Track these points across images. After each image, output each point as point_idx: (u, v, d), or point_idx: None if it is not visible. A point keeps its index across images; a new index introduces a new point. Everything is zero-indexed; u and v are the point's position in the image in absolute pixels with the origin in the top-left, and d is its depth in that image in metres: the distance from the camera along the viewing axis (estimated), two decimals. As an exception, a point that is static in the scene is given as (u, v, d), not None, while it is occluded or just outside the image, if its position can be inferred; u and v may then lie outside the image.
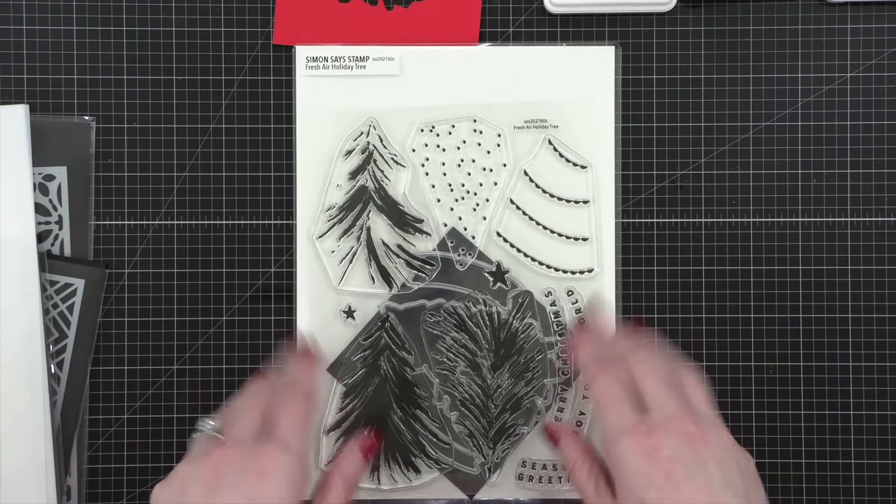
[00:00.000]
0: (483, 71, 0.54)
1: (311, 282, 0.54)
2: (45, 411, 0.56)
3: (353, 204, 0.53)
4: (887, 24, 0.58)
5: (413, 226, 0.53)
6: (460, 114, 0.54)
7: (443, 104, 0.53)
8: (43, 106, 0.58)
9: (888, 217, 0.58)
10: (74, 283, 0.57)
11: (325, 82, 0.53)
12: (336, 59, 0.53)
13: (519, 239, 0.54)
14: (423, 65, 0.53)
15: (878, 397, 0.58)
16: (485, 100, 0.54)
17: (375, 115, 0.53)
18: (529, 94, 0.54)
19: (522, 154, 0.54)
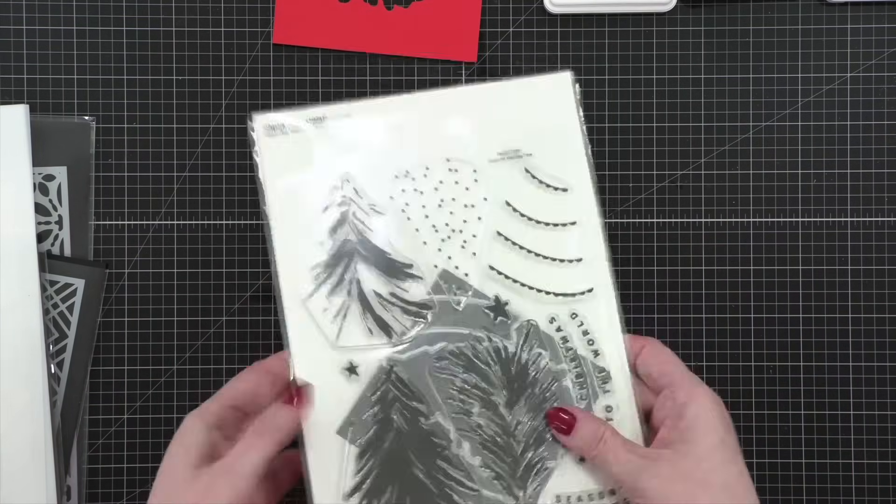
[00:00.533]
0: (446, 114, 0.53)
1: (306, 344, 0.51)
2: (45, 411, 0.56)
3: (338, 259, 0.51)
4: (887, 24, 0.58)
5: (403, 272, 0.52)
6: (431, 155, 0.53)
7: (411, 148, 0.53)
8: (43, 106, 0.58)
9: (888, 217, 0.58)
10: (74, 283, 0.57)
11: (288, 147, 0.52)
12: (294, 126, 0.52)
13: (512, 269, 0.52)
14: (383, 117, 0.53)
15: (878, 397, 0.58)
16: (453, 139, 0.53)
17: (346, 169, 0.52)
18: (497, 128, 0.53)
19: (501, 185, 0.53)
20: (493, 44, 0.59)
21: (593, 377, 0.51)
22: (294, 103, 0.59)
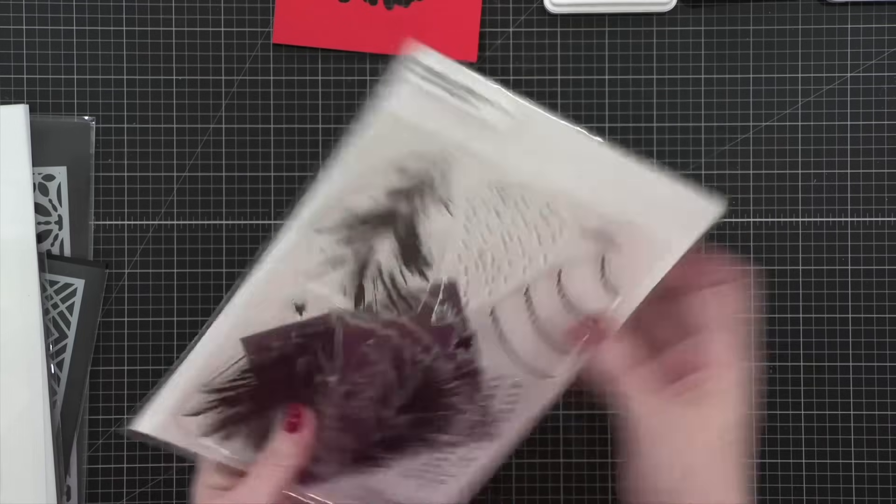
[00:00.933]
0: (584, 162, 0.47)
1: (283, 266, 0.47)
2: (45, 411, 0.56)
3: (373, 221, 0.46)
4: (887, 24, 0.58)
5: (419, 267, 0.48)
6: (537, 188, 0.46)
7: (527, 171, 0.46)
8: (43, 106, 0.58)
9: (888, 217, 0.58)
10: (74, 283, 0.57)
11: (421, 94, 0.45)
12: (449, 82, 0.45)
13: (510, 329, 0.48)
14: (533, 130, 0.46)
15: (878, 397, 0.58)
16: (570, 187, 0.46)
17: (452, 148, 0.45)
18: (615, 204, 0.47)
19: (568, 256, 0.47)
20: (493, 44, 0.59)
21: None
22: (294, 103, 0.59)
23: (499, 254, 0.48)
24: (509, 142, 0.45)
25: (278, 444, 0.47)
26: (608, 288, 0.48)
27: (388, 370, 0.48)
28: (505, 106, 0.44)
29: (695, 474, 0.43)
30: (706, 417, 0.44)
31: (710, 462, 0.44)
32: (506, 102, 0.44)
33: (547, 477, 0.59)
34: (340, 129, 0.59)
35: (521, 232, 0.48)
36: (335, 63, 0.59)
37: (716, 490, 0.43)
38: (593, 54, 0.59)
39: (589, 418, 0.59)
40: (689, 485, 0.43)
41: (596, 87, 0.59)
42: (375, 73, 0.59)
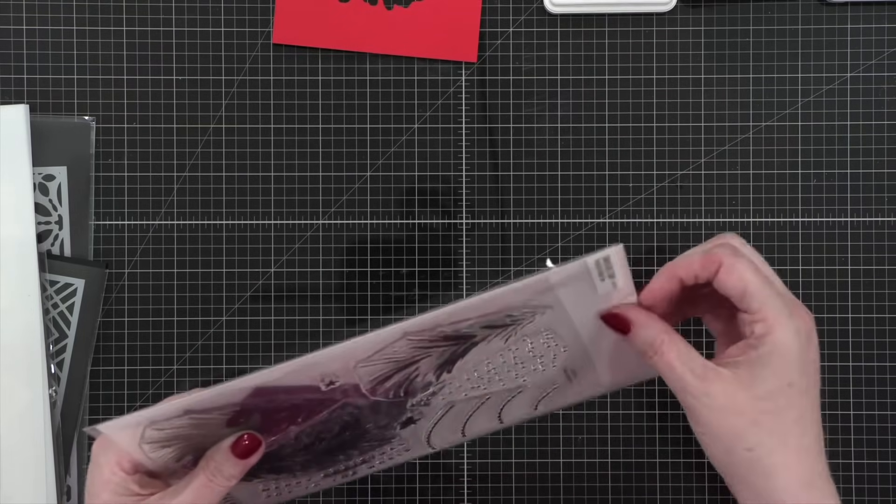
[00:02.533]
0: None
1: (354, 351, 0.46)
2: (45, 411, 0.56)
3: (454, 340, 0.47)
4: (887, 24, 0.58)
5: (441, 373, 0.48)
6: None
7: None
8: (43, 106, 0.58)
9: (888, 217, 0.58)
10: (74, 283, 0.57)
11: (586, 278, 0.45)
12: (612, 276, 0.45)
13: (445, 419, 0.50)
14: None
15: (878, 397, 0.58)
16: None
17: (556, 303, 0.46)
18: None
19: (539, 381, 0.49)
20: (493, 44, 0.59)
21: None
22: (294, 103, 0.59)
23: (501, 371, 0.49)
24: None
25: (224, 466, 0.46)
26: (538, 411, 0.51)
27: (334, 428, 0.49)
28: (618, 283, 0.45)
29: (764, 447, 0.42)
30: (764, 382, 0.42)
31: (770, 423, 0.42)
32: (621, 280, 0.45)
33: (547, 477, 0.59)
34: (340, 129, 0.59)
35: (531, 361, 0.49)
36: (335, 63, 0.59)
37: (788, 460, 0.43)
38: (593, 54, 0.59)
39: (589, 418, 0.59)
40: (756, 458, 0.42)
41: (596, 87, 0.59)
42: (375, 73, 0.59)
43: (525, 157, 0.59)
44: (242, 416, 0.46)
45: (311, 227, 0.59)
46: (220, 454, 0.46)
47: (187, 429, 0.46)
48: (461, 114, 0.59)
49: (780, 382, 0.42)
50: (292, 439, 0.49)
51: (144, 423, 0.45)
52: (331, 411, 0.48)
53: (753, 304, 0.43)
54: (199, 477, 0.46)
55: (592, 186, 0.59)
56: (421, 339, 0.46)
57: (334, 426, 0.49)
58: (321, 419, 0.48)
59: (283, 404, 0.47)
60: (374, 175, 0.59)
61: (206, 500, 0.45)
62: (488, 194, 0.59)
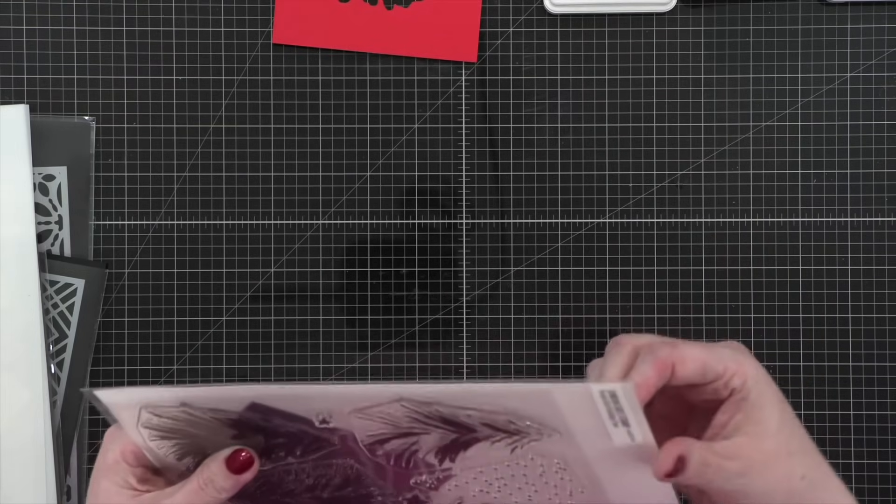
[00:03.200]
0: None
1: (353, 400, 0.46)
2: (45, 411, 0.56)
3: (452, 425, 0.46)
4: (887, 24, 0.58)
5: (444, 461, 0.47)
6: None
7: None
8: (43, 106, 0.58)
9: (888, 217, 0.58)
10: (74, 283, 0.57)
11: (589, 403, 0.43)
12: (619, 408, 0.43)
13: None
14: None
15: (878, 397, 0.58)
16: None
17: (564, 429, 0.45)
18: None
19: None
20: (493, 44, 0.59)
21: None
22: (294, 103, 0.59)
23: (512, 485, 0.48)
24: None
25: (217, 477, 0.45)
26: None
27: (336, 478, 0.48)
28: (635, 435, 0.43)
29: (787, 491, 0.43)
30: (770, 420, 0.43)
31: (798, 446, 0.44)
32: (639, 435, 0.43)
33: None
34: (340, 129, 0.59)
35: (544, 488, 0.48)
36: (335, 63, 0.59)
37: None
38: (593, 54, 0.59)
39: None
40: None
41: (596, 87, 0.59)
42: (375, 73, 0.59)
43: (525, 157, 0.59)
44: (248, 431, 0.46)
45: (311, 227, 0.59)
46: (216, 464, 0.46)
47: (184, 424, 0.46)
48: (461, 114, 0.59)
49: (777, 408, 0.44)
50: (293, 475, 0.48)
51: (141, 403, 0.45)
52: (330, 453, 0.48)
53: (718, 367, 0.44)
54: (192, 482, 0.46)
55: (592, 186, 0.59)
56: (417, 413, 0.45)
57: (336, 475, 0.48)
58: (322, 460, 0.48)
59: (280, 430, 0.46)
60: (374, 175, 0.59)
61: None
62: (488, 194, 0.59)
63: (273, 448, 0.47)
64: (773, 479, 0.43)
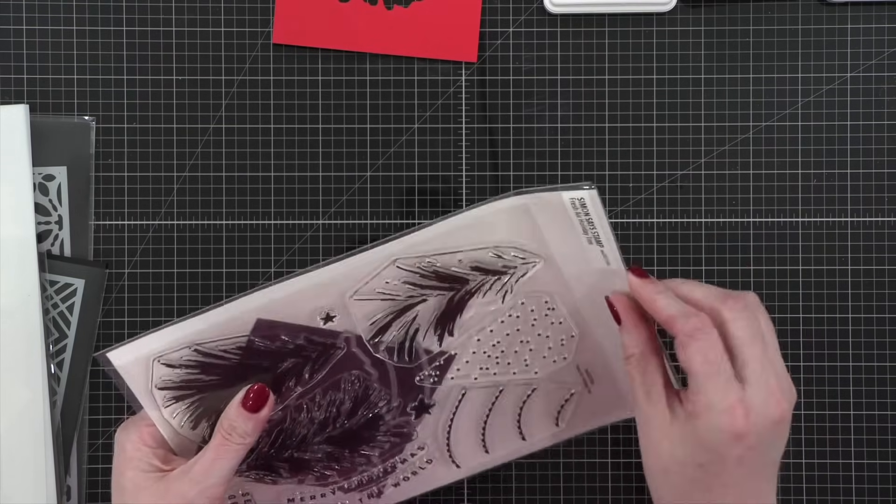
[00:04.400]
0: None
1: (345, 275, 0.47)
2: (45, 411, 0.56)
3: (446, 281, 0.48)
4: (887, 24, 0.58)
5: (443, 333, 0.50)
6: (579, 317, 0.50)
7: (584, 300, 0.50)
8: (43, 106, 0.58)
9: (888, 217, 0.58)
10: (74, 283, 0.57)
11: (561, 212, 0.47)
12: (588, 220, 0.47)
13: (462, 414, 0.51)
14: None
15: (878, 397, 0.58)
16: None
17: (546, 256, 0.49)
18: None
19: (553, 378, 0.51)
20: (493, 44, 0.59)
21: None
22: (294, 103, 0.59)
23: (509, 350, 0.50)
24: (585, 277, 0.48)
25: (237, 422, 0.46)
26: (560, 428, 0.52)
27: (345, 402, 0.49)
28: (608, 255, 0.47)
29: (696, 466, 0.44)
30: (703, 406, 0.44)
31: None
32: (611, 256, 0.47)
33: (547, 477, 0.59)
34: (340, 129, 0.59)
35: (538, 341, 0.50)
36: (335, 63, 0.59)
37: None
38: (593, 54, 0.59)
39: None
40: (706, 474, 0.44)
41: (596, 87, 0.59)
42: (375, 73, 0.59)
43: (525, 157, 0.59)
44: (255, 370, 0.47)
45: (311, 227, 0.59)
46: (233, 410, 0.47)
47: (197, 372, 0.46)
48: (461, 114, 0.59)
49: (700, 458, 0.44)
50: (304, 412, 0.49)
51: (152, 354, 0.46)
52: (337, 366, 0.48)
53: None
54: (216, 437, 0.47)
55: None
56: (412, 272, 0.48)
57: (345, 397, 0.49)
58: (330, 378, 0.49)
59: (287, 349, 0.48)
60: (374, 175, 0.59)
61: (225, 460, 0.46)
62: (488, 194, 0.59)
63: (283, 378, 0.49)
64: (658, 449, 0.44)
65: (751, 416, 0.43)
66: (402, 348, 0.49)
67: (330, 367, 0.49)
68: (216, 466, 0.45)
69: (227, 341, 0.47)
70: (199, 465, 0.46)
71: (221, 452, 0.46)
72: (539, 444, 0.53)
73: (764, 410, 0.43)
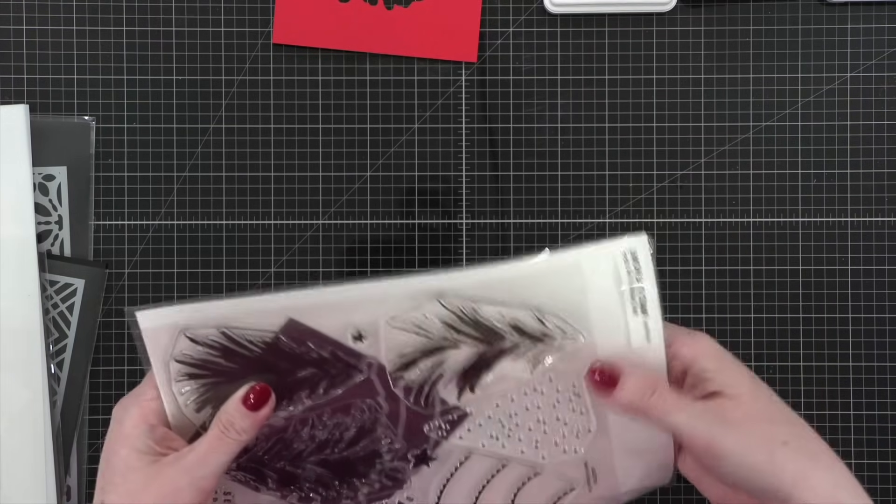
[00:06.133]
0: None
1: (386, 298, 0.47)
2: (45, 411, 0.56)
3: (481, 331, 0.47)
4: (887, 24, 0.58)
5: (465, 388, 0.48)
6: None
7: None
8: (43, 106, 0.58)
9: (888, 217, 0.58)
10: (74, 283, 0.57)
11: (612, 270, 0.47)
12: (638, 276, 0.47)
13: (458, 480, 0.50)
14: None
15: (878, 397, 0.58)
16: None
17: (586, 332, 0.48)
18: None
19: (557, 472, 0.50)
20: (493, 44, 0.59)
21: None
22: (294, 103, 0.59)
23: (523, 426, 0.49)
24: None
25: (235, 418, 0.46)
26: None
27: (350, 429, 0.49)
28: (650, 328, 0.47)
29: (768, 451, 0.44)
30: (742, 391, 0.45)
31: (780, 416, 0.45)
32: (653, 328, 0.47)
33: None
34: (340, 129, 0.59)
35: (554, 426, 0.49)
36: (335, 63, 0.59)
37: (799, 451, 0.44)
38: (593, 54, 0.59)
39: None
40: (776, 464, 0.43)
41: (596, 87, 0.59)
42: (375, 73, 0.59)
43: (525, 157, 0.59)
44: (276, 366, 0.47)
45: (311, 227, 0.59)
46: (232, 405, 0.47)
47: (218, 355, 0.46)
48: (461, 114, 0.59)
49: (748, 377, 0.46)
50: (309, 427, 0.49)
51: (181, 326, 0.46)
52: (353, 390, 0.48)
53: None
54: (213, 430, 0.46)
55: (592, 186, 0.59)
56: (453, 314, 0.47)
57: (352, 424, 0.49)
58: (343, 401, 0.48)
59: (310, 356, 0.47)
60: (374, 175, 0.59)
61: (219, 453, 0.46)
62: (488, 194, 0.59)
63: (298, 385, 0.48)
64: (752, 437, 0.43)
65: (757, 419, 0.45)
66: (420, 391, 0.48)
67: (346, 389, 0.48)
68: (210, 459, 0.45)
69: (255, 332, 0.47)
70: (193, 455, 0.45)
71: (217, 446, 0.46)
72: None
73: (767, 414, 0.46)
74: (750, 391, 0.45)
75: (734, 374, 0.45)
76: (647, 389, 0.45)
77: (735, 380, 0.45)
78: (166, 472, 0.45)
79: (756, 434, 0.43)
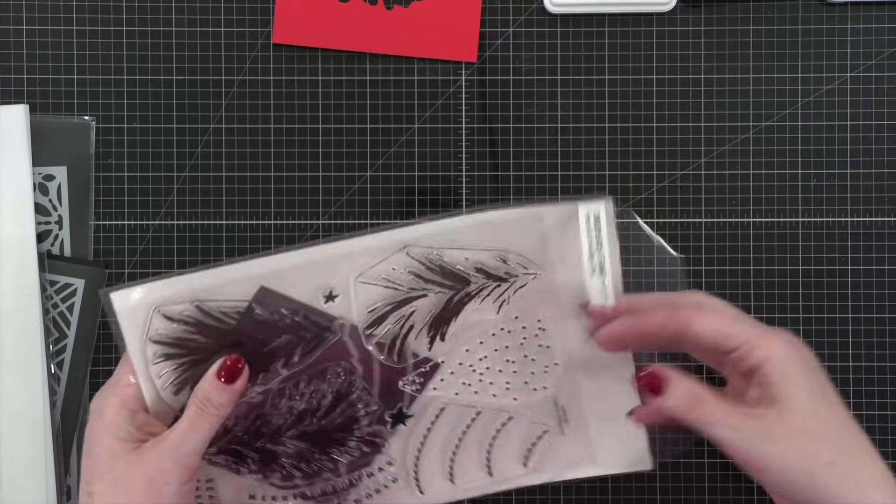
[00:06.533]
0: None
1: (352, 255, 0.47)
2: (45, 411, 0.56)
3: (448, 278, 0.48)
4: (887, 24, 0.58)
5: (434, 336, 0.49)
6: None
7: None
8: (43, 106, 0.58)
9: (888, 217, 0.58)
10: (74, 283, 0.57)
11: (572, 223, 0.48)
12: (598, 238, 0.48)
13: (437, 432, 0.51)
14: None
15: (878, 397, 0.58)
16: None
17: (550, 270, 0.49)
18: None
19: (530, 414, 0.51)
20: (493, 44, 0.59)
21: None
22: (294, 103, 0.59)
23: (493, 368, 0.50)
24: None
25: (211, 393, 0.46)
26: (528, 469, 0.51)
27: (327, 395, 0.49)
28: (608, 288, 0.48)
29: (824, 461, 0.43)
30: (799, 399, 0.44)
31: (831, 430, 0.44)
32: (611, 289, 0.48)
33: (547, 477, 0.59)
34: (340, 129, 0.59)
35: (522, 363, 0.50)
36: (335, 63, 0.59)
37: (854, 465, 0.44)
38: (593, 54, 0.59)
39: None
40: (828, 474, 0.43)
41: (596, 87, 0.59)
42: (375, 73, 0.59)
43: (525, 157, 0.59)
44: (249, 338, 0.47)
45: (311, 227, 0.59)
46: (208, 381, 0.47)
47: (193, 331, 0.46)
48: (461, 114, 0.59)
49: (810, 388, 0.44)
50: (286, 398, 0.49)
51: (155, 302, 0.46)
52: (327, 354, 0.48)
53: (741, 335, 0.45)
54: (191, 407, 0.47)
55: (592, 186, 0.59)
56: (419, 263, 0.48)
57: (327, 392, 0.49)
58: (318, 365, 0.49)
59: (284, 323, 0.47)
60: (374, 175, 0.59)
61: (200, 430, 0.46)
62: (488, 194, 0.59)
63: (273, 355, 0.48)
64: (793, 454, 0.43)
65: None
66: (392, 346, 0.49)
67: (321, 353, 0.49)
68: (191, 437, 0.45)
69: (228, 304, 0.47)
70: (174, 435, 0.45)
71: (196, 423, 0.46)
72: (504, 484, 0.52)
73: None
74: (807, 405, 0.44)
75: (797, 384, 0.44)
76: (694, 399, 0.44)
77: (795, 391, 0.44)
78: (149, 456, 0.45)
79: (796, 451, 0.43)
